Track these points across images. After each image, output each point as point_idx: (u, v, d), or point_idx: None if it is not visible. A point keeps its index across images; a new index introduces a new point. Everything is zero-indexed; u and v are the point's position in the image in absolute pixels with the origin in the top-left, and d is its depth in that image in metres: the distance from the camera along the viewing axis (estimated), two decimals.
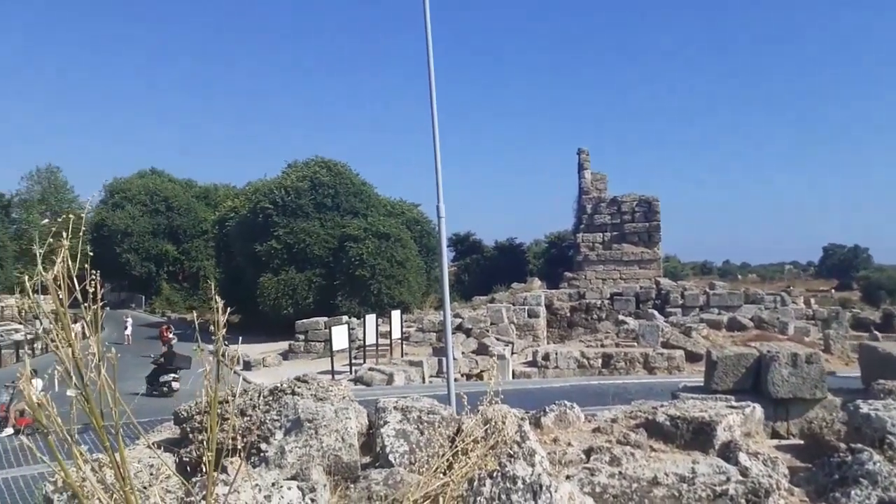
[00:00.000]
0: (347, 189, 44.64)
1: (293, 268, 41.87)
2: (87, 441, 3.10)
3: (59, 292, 2.67)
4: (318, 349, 31.69)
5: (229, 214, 51.39)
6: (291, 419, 4.54)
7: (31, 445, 2.81)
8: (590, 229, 48.57)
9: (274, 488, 3.07)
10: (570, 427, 4.87)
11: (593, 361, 25.81)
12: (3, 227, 68.32)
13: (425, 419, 4.52)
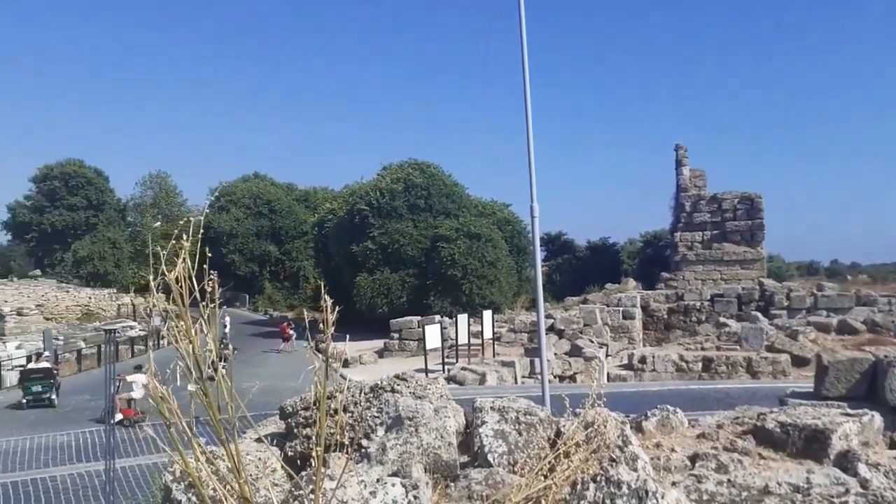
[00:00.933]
0: (439, 190, 45.08)
1: (387, 268, 42.66)
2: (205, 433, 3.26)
3: (179, 291, 2.81)
4: (412, 348, 32.16)
5: (327, 216, 52.98)
6: (392, 416, 4.63)
7: (153, 436, 2.98)
8: (688, 228, 46.96)
9: (378, 484, 3.13)
10: (672, 432, 4.73)
11: (693, 365, 24.96)
12: (120, 229, 73.03)
13: (523, 420, 4.50)
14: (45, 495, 11.93)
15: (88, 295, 58.32)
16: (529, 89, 10.48)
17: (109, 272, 67.27)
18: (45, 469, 13.78)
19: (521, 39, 9.96)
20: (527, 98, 10.42)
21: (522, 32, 9.98)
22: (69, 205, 68.14)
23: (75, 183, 68.77)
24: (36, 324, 42.87)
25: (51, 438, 16.39)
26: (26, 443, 16.07)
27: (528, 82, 10.51)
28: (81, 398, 22.80)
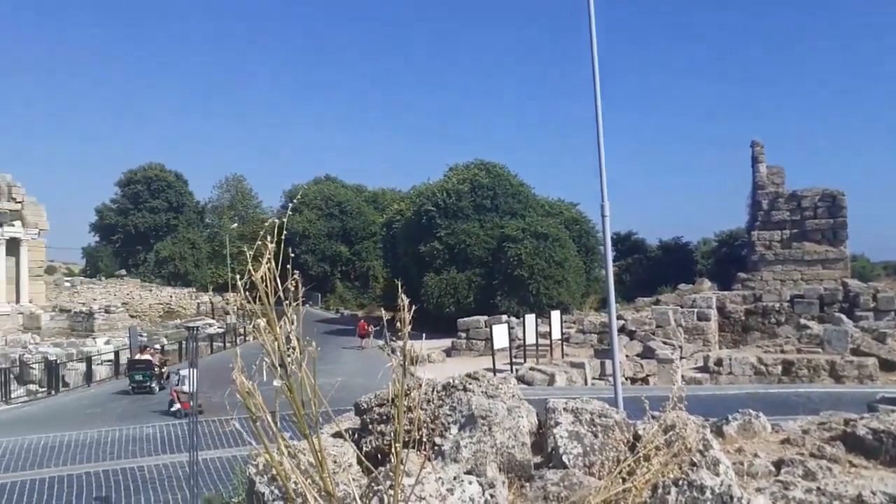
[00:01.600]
0: (506, 190, 44.96)
1: (454, 268, 42.83)
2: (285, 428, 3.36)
3: (265, 290, 2.91)
4: (480, 347, 32.20)
5: (395, 217, 53.61)
6: (465, 415, 4.65)
7: (239, 429, 3.09)
8: (766, 226, 45.33)
9: (456, 482, 3.16)
10: (755, 437, 4.59)
11: (772, 368, 24.08)
12: (199, 231, 75.78)
13: (598, 422, 4.45)
14: (133, 484, 12.51)
15: (170, 293, 60.78)
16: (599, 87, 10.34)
17: (189, 272, 69.94)
18: (133, 459, 14.46)
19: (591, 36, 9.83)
20: (597, 95, 10.28)
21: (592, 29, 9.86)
22: (151, 207, 71.18)
23: (157, 186, 71.79)
24: (122, 321, 44.93)
25: (138, 430, 17.18)
26: (115, 434, 16.89)
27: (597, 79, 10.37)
28: (164, 393, 23.77)
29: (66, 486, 12.57)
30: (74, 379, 27.42)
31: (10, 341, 38.35)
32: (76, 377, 27.55)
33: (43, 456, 15.11)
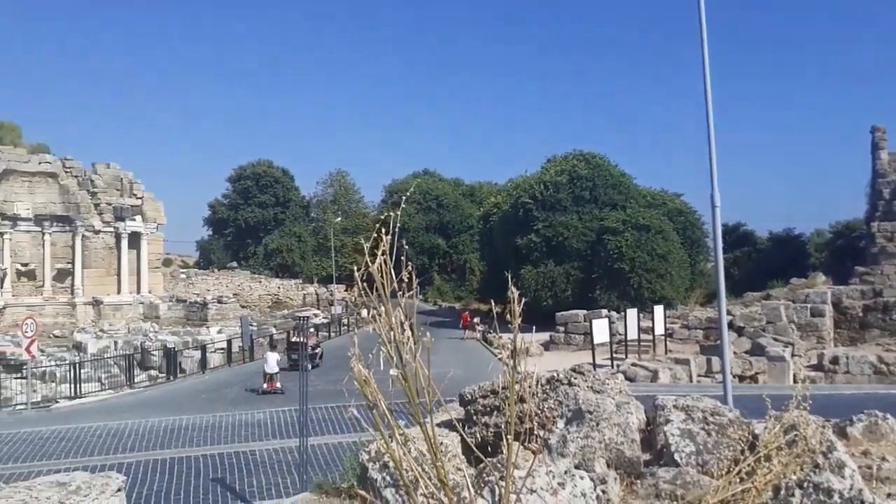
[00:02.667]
0: (605, 181, 44.05)
1: (552, 261, 42.41)
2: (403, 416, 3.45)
3: (381, 281, 2.99)
4: (578, 342, 31.78)
5: (492, 210, 53.65)
6: (572, 409, 4.62)
7: (357, 417, 3.21)
8: (887, 217, 42.20)
9: (567, 476, 3.16)
10: (882, 440, 4.33)
11: (893, 367, 22.51)
12: (304, 224, 78.59)
13: (711, 420, 4.32)
14: (245, 467, 13.18)
15: (277, 285, 63.40)
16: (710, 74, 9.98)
17: (295, 263, 72.72)
18: (245, 443, 15.24)
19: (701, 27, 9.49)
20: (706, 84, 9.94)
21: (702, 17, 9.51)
22: (260, 202, 74.42)
23: (265, 182, 74.97)
24: (233, 311, 47.24)
25: (249, 416, 18.08)
26: (229, 419, 17.85)
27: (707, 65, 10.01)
28: None
29: (185, 466, 13.38)
30: (190, 366, 29.12)
31: (133, 329, 41.16)
32: (192, 364, 29.25)
33: (164, 438, 16.15)
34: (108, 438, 16.05)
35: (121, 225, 47.85)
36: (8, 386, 23.17)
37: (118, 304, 46.97)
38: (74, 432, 16.73)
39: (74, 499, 3.76)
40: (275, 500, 10.73)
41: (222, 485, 12.06)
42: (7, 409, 21.48)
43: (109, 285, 47.80)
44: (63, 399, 23.01)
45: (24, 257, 44.95)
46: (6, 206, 44.11)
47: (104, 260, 48.03)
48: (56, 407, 21.76)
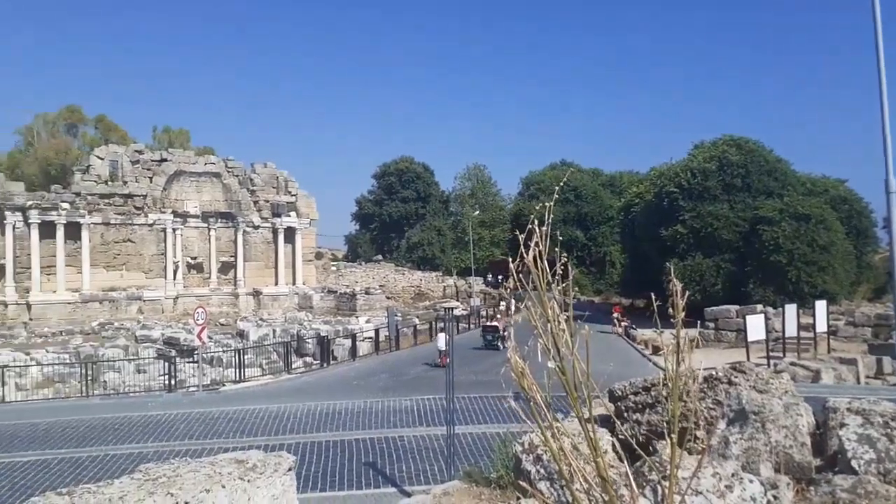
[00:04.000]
0: (760, 167, 41.34)
1: (700, 253, 40.48)
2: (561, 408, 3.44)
3: (537, 273, 3.00)
4: (730, 339, 30.19)
5: (634, 200, 52.00)
6: (734, 410, 4.42)
7: (517, 408, 3.25)
8: None
9: (734, 478, 3.03)
10: None
11: None
12: (443, 218, 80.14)
13: (893, 426, 3.99)
14: (395, 452, 13.69)
15: (419, 277, 65.16)
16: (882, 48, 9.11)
17: (436, 256, 74.36)
18: (394, 429, 15.81)
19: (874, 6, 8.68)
20: (879, 59, 9.09)
21: None
22: (402, 197, 76.76)
23: (407, 178, 77.19)
24: (379, 302, 49.11)
25: (397, 403, 18.74)
26: (378, 405, 18.60)
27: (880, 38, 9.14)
28: (420, 368, 25.63)
29: (339, 449, 14.09)
30: (341, 353, 30.59)
31: (289, 318, 43.86)
32: (343, 352, 30.72)
33: (320, 421, 17.09)
34: (269, 420, 17.23)
35: (277, 221, 51.17)
36: (182, 369, 25.43)
37: (276, 295, 50.28)
38: (240, 414, 18.10)
39: (251, 475, 4.08)
40: (423, 486, 11.07)
41: (374, 468, 12.60)
42: (182, 390, 23.60)
43: (268, 277, 51.28)
44: (229, 383, 24.96)
45: (193, 251, 49.17)
46: (177, 204, 48.43)
47: (263, 253, 51.56)
48: (224, 390, 23.63)
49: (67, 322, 40.94)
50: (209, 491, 3.74)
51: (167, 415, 18.27)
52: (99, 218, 44.81)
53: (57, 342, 34.65)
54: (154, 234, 47.15)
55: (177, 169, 48.72)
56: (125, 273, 46.04)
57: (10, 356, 27.68)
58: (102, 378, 24.96)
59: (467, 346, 30.52)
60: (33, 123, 67.24)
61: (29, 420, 18.15)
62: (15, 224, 41.88)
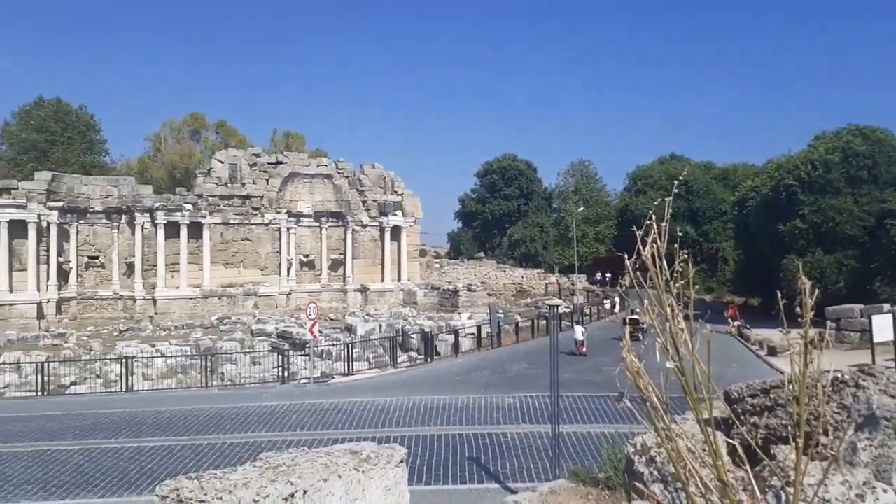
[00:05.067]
0: (889, 158, 38.51)
1: (820, 249, 38.17)
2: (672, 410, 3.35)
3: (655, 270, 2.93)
4: (853, 339, 28.36)
5: (749, 194, 49.70)
6: (863, 414, 4.15)
7: (631, 409, 3.18)
8: None
9: (866, 487, 2.85)
10: None
11: None
12: (546, 215, 79.45)
13: None
14: (498, 449, 13.71)
15: (521, 274, 64.92)
16: None
17: (538, 253, 73.87)
18: (497, 426, 15.85)
19: None
20: None
21: None
22: (505, 195, 76.67)
23: (510, 175, 77.02)
24: (481, 298, 49.32)
25: (500, 399, 18.77)
26: (481, 401, 18.69)
27: None
28: (520, 366, 25.57)
29: (443, 443, 14.28)
30: (444, 349, 30.96)
31: (394, 314, 44.80)
32: (446, 347, 31.07)
33: (425, 415, 17.38)
34: (377, 413, 17.69)
35: (384, 219, 52.47)
36: (294, 362, 26.52)
37: (382, 291, 51.55)
38: (349, 406, 18.67)
39: (366, 466, 4.22)
40: (526, 483, 11.04)
41: (477, 464, 12.68)
42: (294, 382, 24.61)
43: (374, 274, 52.64)
44: (338, 375, 25.80)
45: (306, 249, 51.16)
46: (291, 205, 50.53)
47: (370, 251, 52.99)
48: (333, 382, 24.46)
49: (189, 316, 43.57)
50: (326, 480, 3.90)
51: (280, 406, 19.10)
52: (219, 218, 47.43)
53: (179, 335, 36.96)
54: (269, 233, 49.41)
55: (291, 171, 50.83)
56: (242, 270, 48.50)
57: (138, 348, 29.79)
58: (220, 370, 26.40)
59: (605, 336, 30.31)
60: (161, 130, 72.13)
61: (154, 408, 19.46)
62: (143, 224, 44.97)
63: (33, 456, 14.13)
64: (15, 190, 41.43)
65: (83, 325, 40.67)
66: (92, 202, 44.53)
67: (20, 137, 59.89)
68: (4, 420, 18.20)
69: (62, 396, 23.36)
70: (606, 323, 43.16)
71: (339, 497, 3.93)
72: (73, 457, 13.98)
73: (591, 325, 42.10)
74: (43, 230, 41.79)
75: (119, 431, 16.42)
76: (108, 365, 26.21)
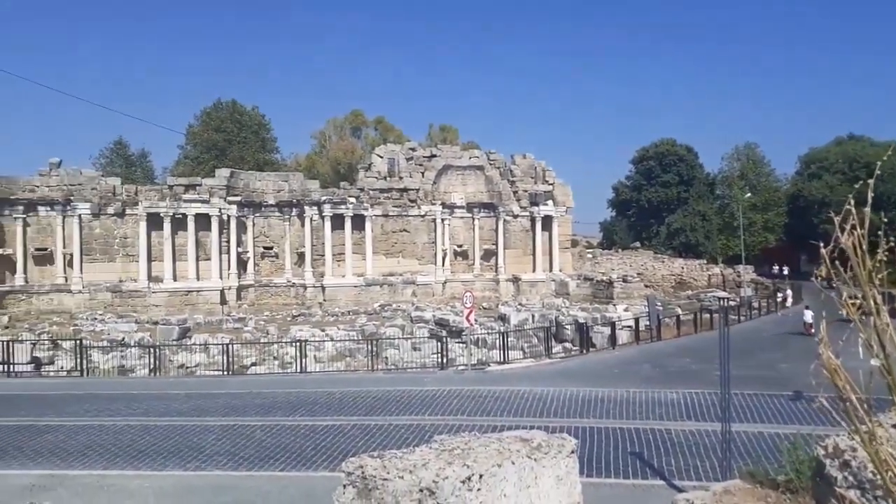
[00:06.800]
0: None
1: None
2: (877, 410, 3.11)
3: (857, 261, 2.74)
4: None
5: None
6: None
7: (828, 408, 2.99)
8: None
9: None
10: None
11: None
12: (708, 202, 75.48)
13: None
14: (662, 445, 13.27)
15: (681, 265, 62.16)
16: None
17: (699, 243, 70.42)
18: (659, 421, 15.35)
19: None
20: None
21: None
22: (663, 182, 73.67)
23: (668, 161, 73.87)
24: (637, 290, 47.87)
25: (661, 394, 18.15)
26: (641, 395, 18.18)
27: None
28: (683, 361, 24.56)
29: (602, 436, 14.06)
30: (600, 341, 30.38)
31: (546, 304, 44.64)
32: (601, 339, 30.48)
33: (581, 407, 17.20)
34: (534, 402, 17.75)
35: (535, 209, 52.34)
36: (451, 349, 27.22)
37: (533, 281, 51.52)
38: (505, 394, 18.88)
39: (537, 454, 4.28)
40: (694, 482, 10.63)
41: (640, 459, 12.38)
42: (452, 368, 25.26)
43: (526, 264, 52.72)
44: (494, 363, 26.15)
45: (459, 240, 52.26)
46: (445, 196, 51.80)
47: (521, 241, 53.12)
48: (490, 370, 24.83)
49: (353, 303, 46.02)
50: (500, 466, 4.00)
51: (440, 391, 19.69)
52: (379, 210, 49.67)
53: (345, 321, 39.13)
54: (425, 224, 50.99)
55: (445, 163, 52.10)
56: (401, 260, 50.50)
57: (310, 332, 31.91)
58: (384, 354, 27.67)
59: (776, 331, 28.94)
60: (325, 128, 76.50)
61: (326, 389, 20.75)
62: (312, 217, 48.04)
63: (222, 430, 15.58)
64: (199, 186, 45.87)
65: (260, 311, 44.22)
66: (265, 197, 48.23)
67: (202, 138, 66.04)
68: (197, 396, 20.21)
69: (244, 376, 25.52)
70: (778, 317, 40.33)
71: (512, 483, 4.02)
72: (256, 432, 15.27)
73: (759, 319, 39.57)
74: (223, 223, 45.86)
75: (295, 410, 17.71)
76: (284, 348, 28.33)
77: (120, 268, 44.81)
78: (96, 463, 13.14)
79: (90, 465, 12.98)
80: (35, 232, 43.83)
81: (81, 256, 43.91)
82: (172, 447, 14.13)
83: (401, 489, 3.76)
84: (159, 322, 36.75)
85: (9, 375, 25.08)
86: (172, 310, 42.29)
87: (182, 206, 44.71)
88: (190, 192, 45.31)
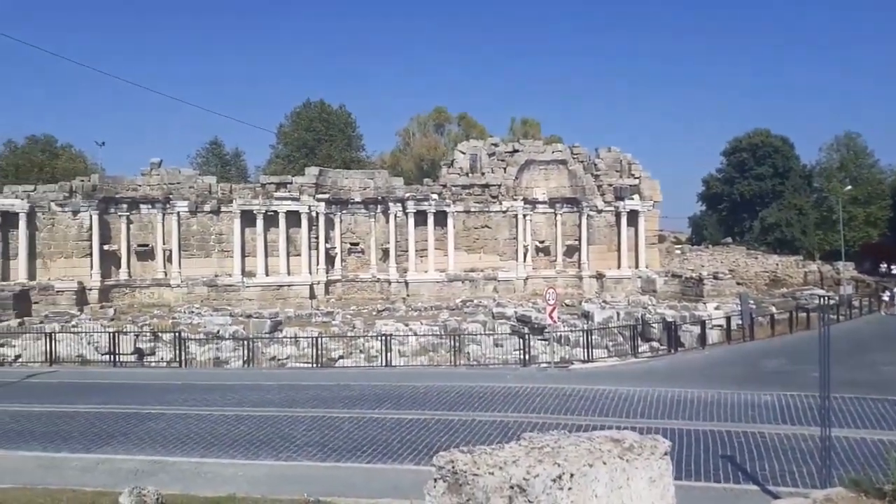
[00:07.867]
0: None
1: None
2: None
3: None
4: None
5: None
6: None
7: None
8: None
9: None
10: None
11: None
12: (805, 196, 71.97)
13: None
14: (755, 449, 12.77)
15: (775, 261, 59.56)
16: None
17: (795, 238, 67.28)
18: (752, 424, 14.78)
19: None
20: None
21: None
22: (756, 174, 70.75)
23: (762, 153, 70.86)
24: (729, 287, 46.16)
25: (754, 396, 17.46)
26: (732, 397, 17.54)
27: None
28: (779, 362, 23.58)
29: (692, 439, 13.68)
30: (689, 340, 29.52)
31: (632, 302, 43.69)
32: (690, 339, 29.61)
33: (669, 408, 16.79)
34: (620, 402, 17.45)
35: (620, 204, 51.29)
36: (534, 346, 27.07)
37: (618, 278, 50.52)
38: (590, 392, 18.65)
39: (629, 455, 4.23)
40: (790, 488, 10.23)
41: (732, 462, 11.99)
42: (534, 365, 25.13)
43: (610, 260, 51.77)
44: (577, 361, 25.84)
45: (541, 235, 51.87)
46: (527, 192, 51.53)
47: (605, 237, 52.18)
48: (573, 368, 24.56)
49: (436, 298, 46.44)
50: (591, 466, 3.99)
51: (523, 388, 19.64)
52: (461, 206, 49.91)
53: (428, 316, 39.57)
54: (507, 220, 50.86)
55: (527, 159, 51.79)
56: (482, 255, 50.57)
57: (394, 327, 32.45)
58: (466, 350, 27.81)
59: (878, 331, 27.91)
60: (409, 125, 77.51)
61: (410, 383, 21.08)
62: (396, 214, 48.79)
63: (312, 421, 16.10)
64: (290, 184, 47.49)
65: (346, 305, 45.33)
66: (352, 194, 49.36)
67: (292, 137, 68.16)
68: (288, 388, 20.94)
69: (332, 368, 26.23)
70: (881, 317, 38.08)
71: (604, 484, 4.00)
72: (344, 424, 15.69)
73: (859, 319, 37.44)
74: (312, 220, 47.27)
75: (381, 403, 18.08)
76: (370, 342, 28.93)
77: (215, 263, 46.90)
78: (194, 451, 13.85)
79: (188, 453, 13.69)
80: (137, 229, 46.42)
81: (180, 252, 46.23)
82: (265, 437, 14.71)
83: (491, 485, 3.80)
84: (252, 315, 38.28)
85: (115, 365, 26.66)
86: (264, 303, 43.95)
87: (273, 203, 46.40)
88: (281, 189, 46.98)
